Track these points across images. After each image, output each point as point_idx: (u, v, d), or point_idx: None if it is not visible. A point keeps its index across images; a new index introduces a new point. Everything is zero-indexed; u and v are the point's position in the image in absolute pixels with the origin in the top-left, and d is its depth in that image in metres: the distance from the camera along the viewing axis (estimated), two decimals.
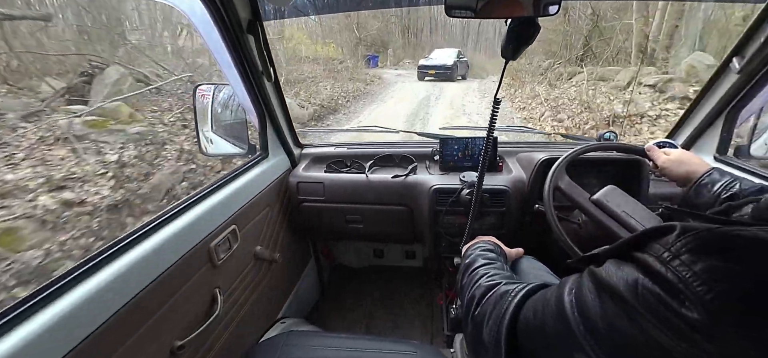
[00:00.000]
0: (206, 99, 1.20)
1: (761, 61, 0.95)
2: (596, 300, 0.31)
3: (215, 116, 1.22)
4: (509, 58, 0.62)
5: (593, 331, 0.31)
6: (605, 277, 0.31)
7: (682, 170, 0.77)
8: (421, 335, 1.59)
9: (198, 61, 6.64)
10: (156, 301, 0.72)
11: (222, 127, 1.25)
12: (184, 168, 3.51)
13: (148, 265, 0.70)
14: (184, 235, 0.80)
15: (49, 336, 0.53)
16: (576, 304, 0.33)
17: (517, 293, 0.45)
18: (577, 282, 0.36)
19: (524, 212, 1.20)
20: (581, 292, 0.33)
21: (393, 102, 9.00)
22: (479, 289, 0.54)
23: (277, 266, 1.30)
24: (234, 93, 1.15)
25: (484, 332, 0.46)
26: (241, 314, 1.07)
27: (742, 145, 1.22)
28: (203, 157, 3.54)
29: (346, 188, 1.30)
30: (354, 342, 0.98)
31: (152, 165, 3.43)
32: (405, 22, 21.40)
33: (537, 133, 4.77)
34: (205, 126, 1.19)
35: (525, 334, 0.40)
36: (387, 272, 1.94)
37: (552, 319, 0.36)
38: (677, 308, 0.24)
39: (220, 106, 1.23)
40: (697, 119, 1.22)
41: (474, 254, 0.68)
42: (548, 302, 0.38)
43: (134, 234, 0.72)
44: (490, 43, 21.47)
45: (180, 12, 0.90)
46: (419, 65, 12.61)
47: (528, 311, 0.41)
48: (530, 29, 0.57)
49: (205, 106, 1.19)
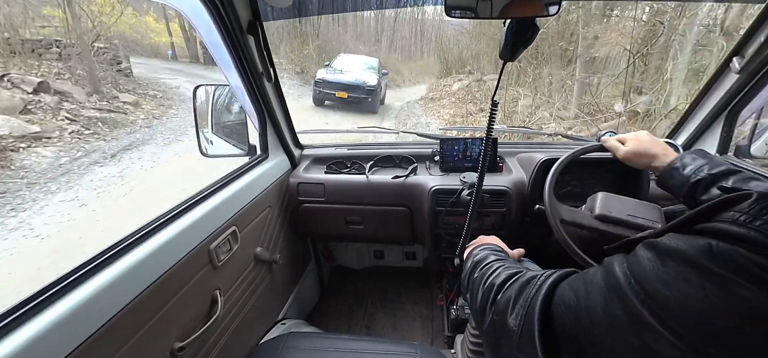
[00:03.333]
0: (206, 100, 1.20)
1: (761, 61, 0.95)
2: (658, 266, 0.30)
3: (215, 117, 1.21)
4: (507, 59, 0.61)
5: (653, 296, 0.29)
6: (670, 244, 0.30)
7: (644, 161, 0.79)
8: (421, 336, 1.59)
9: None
10: (156, 303, 0.72)
11: (222, 128, 1.24)
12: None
13: (149, 267, 0.70)
14: (184, 236, 0.80)
15: (50, 338, 0.52)
16: (632, 274, 0.32)
17: (548, 277, 0.44)
18: (626, 257, 0.34)
19: (524, 212, 1.20)
20: (637, 262, 0.32)
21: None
22: (499, 277, 0.53)
23: (278, 268, 1.30)
24: (234, 94, 1.15)
25: (509, 319, 0.45)
26: (242, 316, 1.07)
27: (742, 145, 1.22)
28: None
29: (347, 189, 1.30)
30: (354, 343, 0.98)
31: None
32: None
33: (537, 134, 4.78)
34: (205, 127, 1.19)
35: (564, 315, 0.38)
36: (387, 272, 1.94)
37: (600, 294, 0.34)
38: (765, 263, 0.24)
39: (220, 107, 1.23)
40: (697, 119, 1.22)
41: (483, 252, 0.68)
42: (591, 280, 0.37)
43: (134, 236, 0.72)
44: (405, 43, 19.29)
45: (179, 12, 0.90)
46: (318, 80, 7.46)
47: (564, 292, 0.40)
48: (529, 30, 0.57)
49: (205, 107, 1.19)
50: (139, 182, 3.96)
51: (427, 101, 9.67)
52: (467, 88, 9.08)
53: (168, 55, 13.37)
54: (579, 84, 5.93)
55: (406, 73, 14.77)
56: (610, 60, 5.90)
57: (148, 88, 7.76)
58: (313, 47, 12.95)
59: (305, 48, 12.82)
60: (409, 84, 14.68)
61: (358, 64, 8.23)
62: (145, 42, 13.18)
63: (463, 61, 11.20)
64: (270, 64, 1.07)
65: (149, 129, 5.75)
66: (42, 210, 3.21)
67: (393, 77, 12.69)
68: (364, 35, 17.98)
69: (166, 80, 8.78)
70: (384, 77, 8.83)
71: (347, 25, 17.16)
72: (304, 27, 13.31)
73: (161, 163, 4.53)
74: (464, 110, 7.82)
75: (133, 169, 4.26)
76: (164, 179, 4.03)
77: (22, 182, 3.57)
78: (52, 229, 2.95)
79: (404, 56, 18.46)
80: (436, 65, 13.02)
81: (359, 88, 7.29)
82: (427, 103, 9.46)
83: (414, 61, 18.19)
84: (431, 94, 10.40)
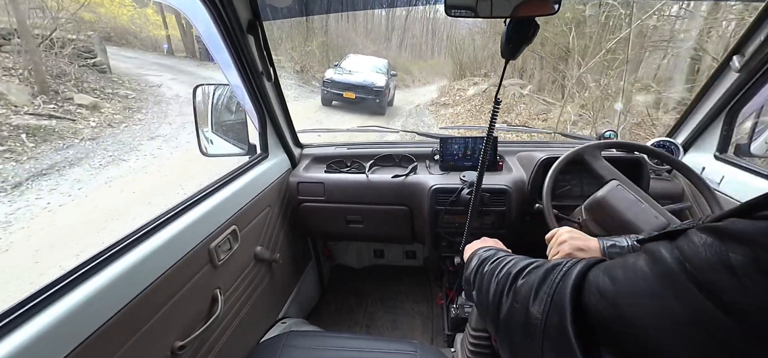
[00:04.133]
0: (206, 99, 1.20)
1: (761, 60, 0.95)
2: (722, 251, 0.27)
3: (215, 116, 1.21)
4: (508, 57, 0.61)
5: (716, 282, 0.27)
6: (735, 228, 0.28)
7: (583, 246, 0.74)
8: (421, 335, 1.59)
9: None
10: (157, 302, 0.72)
11: (222, 127, 1.25)
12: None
13: (149, 266, 0.70)
14: (184, 236, 0.80)
15: (51, 337, 0.53)
16: (687, 260, 0.29)
17: (576, 263, 0.40)
18: (674, 243, 0.32)
19: (524, 211, 1.20)
20: (691, 247, 0.30)
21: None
22: (516, 266, 0.50)
23: (278, 267, 1.30)
24: (234, 93, 1.15)
25: (532, 306, 0.41)
26: (242, 315, 1.07)
27: (742, 143, 1.22)
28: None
29: (347, 188, 1.30)
30: (354, 342, 0.98)
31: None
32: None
33: (537, 133, 4.79)
34: (205, 126, 1.19)
35: (599, 303, 0.35)
36: (387, 271, 1.94)
37: (645, 281, 0.32)
38: None
39: (219, 106, 1.23)
40: (697, 118, 1.22)
41: (490, 251, 0.66)
42: (631, 267, 0.34)
43: (135, 235, 0.72)
44: (416, 41, 18.85)
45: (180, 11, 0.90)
46: (326, 80, 7.50)
47: (598, 279, 0.37)
48: (530, 28, 0.57)
49: (205, 107, 1.19)
50: (20, 238, 2.73)
51: (439, 107, 8.90)
52: (484, 93, 8.34)
53: (164, 50, 12.76)
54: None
55: (415, 72, 14.15)
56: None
57: (123, 86, 6.87)
58: (316, 44, 12.35)
59: (308, 45, 12.16)
60: (418, 84, 14.19)
61: (368, 65, 8.17)
62: (144, 35, 12.69)
63: (479, 62, 10.53)
64: (270, 64, 1.07)
65: (93, 142, 4.72)
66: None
67: (402, 77, 12.08)
68: (373, 33, 17.33)
69: (149, 77, 7.95)
70: (393, 79, 8.74)
71: (357, 22, 16.52)
72: (310, 23, 12.58)
73: (77, 199, 3.37)
74: (484, 121, 7.11)
75: (29, 212, 3.07)
76: (65, 231, 2.85)
77: None
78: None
79: (414, 55, 17.98)
80: (447, 65, 12.23)
81: (367, 88, 7.26)
82: (438, 110, 8.72)
83: (424, 61, 17.77)
84: (443, 98, 9.54)
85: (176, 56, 12.69)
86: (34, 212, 3.10)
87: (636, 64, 5.46)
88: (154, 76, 8.25)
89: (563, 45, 6.62)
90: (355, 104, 7.39)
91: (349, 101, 7.36)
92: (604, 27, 5.77)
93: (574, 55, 6.06)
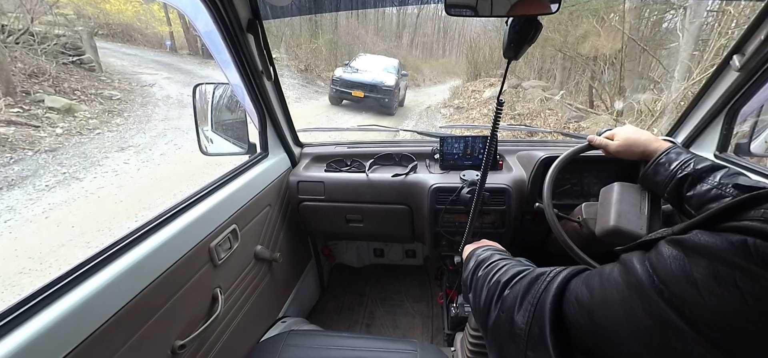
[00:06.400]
0: (206, 98, 1.20)
1: (761, 59, 0.95)
2: (685, 263, 0.28)
3: (215, 116, 1.21)
4: (511, 57, 0.61)
5: (679, 294, 0.28)
6: (699, 241, 0.29)
7: (638, 151, 0.78)
8: (421, 334, 1.59)
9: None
10: (157, 301, 0.72)
11: (222, 126, 1.25)
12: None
13: (149, 265, 0.70)
14: (184, 235, 0.80)
15: (51, 336, 0.53)
16: (655, 272, 0.31)
17: (558, 273, 0.42)
18: (646, 255, 0.33)
19: (524, 210, 1.20)
20: (660, 260, 0.31)
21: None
22: (506, 274, 0.52)
23: (278, 266, 1.30)
24: (234, 92, 1.15)
25: (516, 316, 0.43)
26: (242, 314, 1.07)
27: (742, 142, 1.22)
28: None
29: (347, 187, 1.30)
30: (355, 341, 0.98)
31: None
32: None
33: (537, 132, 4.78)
34: (205, 126, 1.19)
35: (577, 313, 0.37)
36: (387, 271, 1.94)
37: (618, 291, 0.33)
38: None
39: (219, 105, 1.23)
40: (697, 117, 1.22)
41: (487, 251, 0.67)
42: (607, 277, 0.35)
43: (135, 234, 0.72)
44: (427, 40, 18.42)
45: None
46: (335, 78, 7.48)
47: (577, 289, 0.38)
48: (532, 28, 0.56)
49: (205, 106, 1.19)
50: None
51: (454, 110, 8.40)
52: (502, 95, 8.30)
53: (166, 46, 12.55)
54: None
55: (426, 71, 13.85)
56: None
57: (109, 86, 6.26)
58: (322, 41, 11.87)
59: (313, 42, 11.68)
60: (429, 83, 13.89)
61: (378, 65, 8.14)
62: (148, 31, 12.39)
63: (495, 62, 10.18)
64: (270, 63, 1.07)
65: (50, 154, 3.93)
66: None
67: (413, 76, 11.78)
68: (383, 30, 16.98)
69: (144, 76, 7.44)
70: (404, 78, 8.67)
71: (368, 20, 16.12)
72: (318, 19, 11.97)
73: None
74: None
75: None
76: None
77: None
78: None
79: (425, 54, 17.65)
80: (459, 64, 11.88)
81: (376, 88, 7.20)
82: (452, 114, 8.23)
83: (435, 59, 17.50)
84: (457, 100, 9.03)
85: (179, 54, 12.42)
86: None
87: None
88: (149, 74, 7.82)
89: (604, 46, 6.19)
90: (363, 104, 7.36)
91: (357, 100, 7.34)
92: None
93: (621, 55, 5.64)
